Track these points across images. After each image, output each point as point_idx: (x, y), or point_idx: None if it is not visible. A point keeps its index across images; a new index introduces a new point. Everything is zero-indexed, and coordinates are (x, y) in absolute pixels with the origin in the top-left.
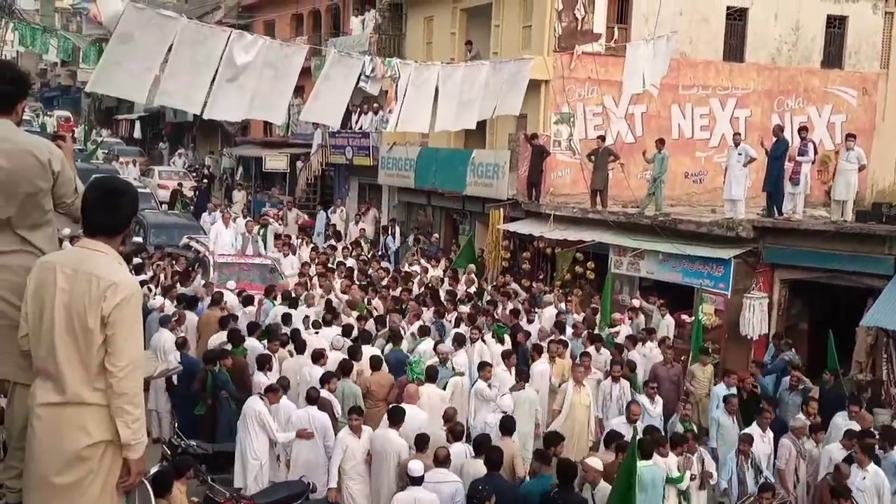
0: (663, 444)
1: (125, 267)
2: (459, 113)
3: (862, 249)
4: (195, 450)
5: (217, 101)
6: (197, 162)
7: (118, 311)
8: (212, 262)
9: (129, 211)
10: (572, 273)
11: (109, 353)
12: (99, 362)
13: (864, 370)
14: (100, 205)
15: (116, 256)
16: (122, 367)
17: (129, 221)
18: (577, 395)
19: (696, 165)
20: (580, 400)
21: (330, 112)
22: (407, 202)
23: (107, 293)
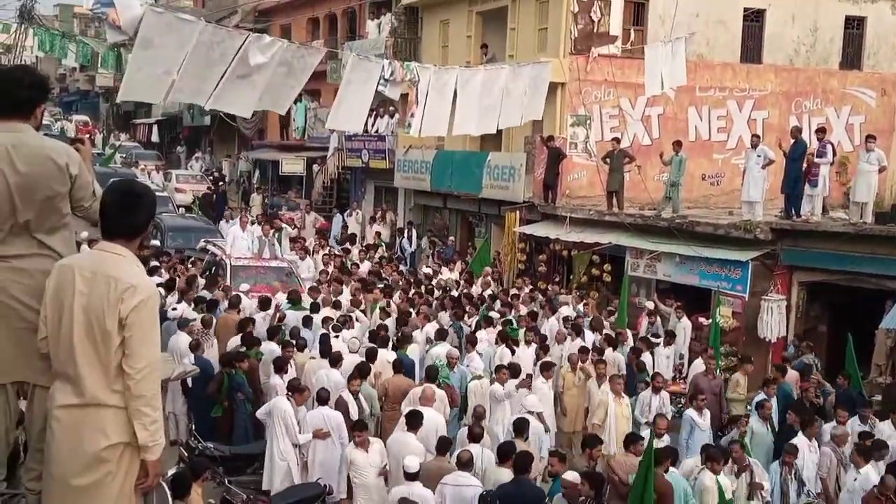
0: (718, 460)
1: (143, 270)
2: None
3: (881, 251)
4: (212, 452)
5: (224, 93)
6: (214, 165)
7: (136, 314)
8: (228, 266)
9: (147, 214)
10: (589, 276)
11: (127, 356)
12: (117, 364)
13: (883, 373)
14: (118, 207)
15: (134, 259)
16: (140, 370)
17: (147, 224)
18: (619, 406)
19: (713, 167)
20: (622, 412)
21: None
22: (423, 205)
23: (124, 296)
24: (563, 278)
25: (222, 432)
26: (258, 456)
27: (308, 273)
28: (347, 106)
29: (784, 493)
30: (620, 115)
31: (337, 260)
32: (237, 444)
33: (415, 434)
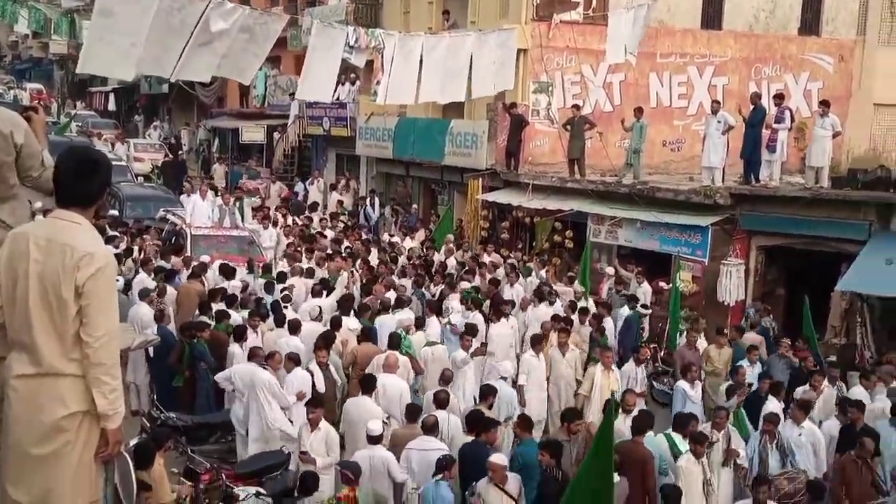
0: (702, 443)
1: (100, 237)
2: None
3: (837, 215)
4: (174, 422)
5: (188, 63)
6: (172, 134)
7: (93, 282)
8: (189, 236)
9: (102, 181)
10: (551, 242)
11: (84, 324)
12: (74, 333)
13: (838, 335)
14: (72, 175)
15: (91, 227)
16: (98, 338)
17: (102, 192)
18: (606, 379)
19: (674, 134)
20: (608, 384)
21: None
22: (385, 173)
23: (81, 263)
24: (526, 245)
25: (184, 402)
26: (221, 425)
27: (270, 242)
28: (315, 75)
29: (762, 461)
30: (582, 82)
31: (297, 229)
32: (200, 414)
33: (370, 397)
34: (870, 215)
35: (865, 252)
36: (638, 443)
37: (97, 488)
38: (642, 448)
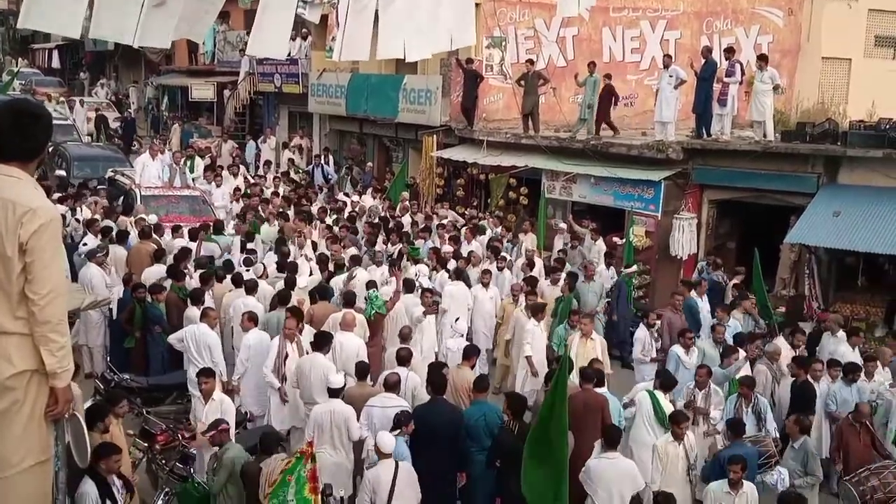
0: (681, 423)
1: (42, 192)
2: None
3: (787, 168)
4: (128, 383)
5: (146, 28)
6: (120, 92)
7: (36, 238)
8: (139, 196)
9: (43, 135)
10: (506, 199)
11: (29, 281)
12: (19, 290)
13: (787, 286)
14: (12, 129)
15: (33, 182)
16: (44, 295)
17: (44, 146)
18: (583, 347)
19: (627, 88)
20: (585, 353)
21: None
22: (339, 130)
23: (24, 220)
24: (481, 202)
25: (138, 364)
26: (176, 386)
27: (221, 201)
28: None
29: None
30: (535, 37)
31: (255, 188)
32: (154, 376)
33: (323, 354)
34: (818, 168)
35: (814, 204)
36: (590, 391)
37: (47, 447)
38: (594, 395)
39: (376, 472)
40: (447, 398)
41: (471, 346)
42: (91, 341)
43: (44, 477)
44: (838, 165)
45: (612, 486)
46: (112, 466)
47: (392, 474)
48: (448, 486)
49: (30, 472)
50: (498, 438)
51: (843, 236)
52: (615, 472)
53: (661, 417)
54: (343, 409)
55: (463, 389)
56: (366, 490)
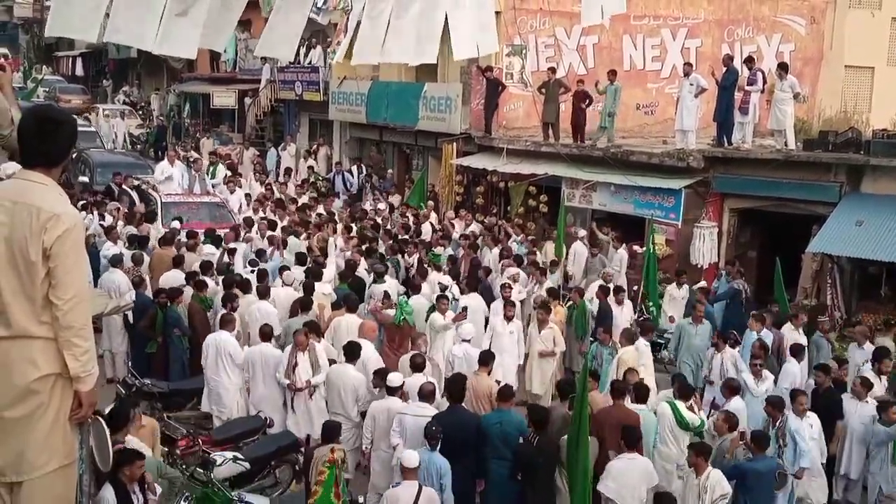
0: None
1: (66, 198)
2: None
3: (809, 177)
4: (149, 388)
5: (168, 36)
6: (142, 99)
7: (60, 243)
8: (159, 202)
9: (67, 141)
10: (525, 207)
11: (53, 286)
12: (44, 295)
13: (809, 296)
14: (36, 134)
15: (57, 187)
16: (68, 300)
17: (68, 152)
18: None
19: (647, 97)
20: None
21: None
22: (359, 138)
23: (48, 225)
24: (501, 210)
25: (159, 369)
26: (197, 391)
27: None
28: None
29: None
30: (556, 45)
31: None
32: (174, 381)
33: (353, 365)
34: (840, 177)
35: (836, 214)
36: (620, 405)
37: (72, 450)
38: (625, 409)
39: (396, 494)
40: (466, 406)
41: (486, 352)
42: (115, 347)
43: (68, 480)
44: (861, 174)
45: (633, 485)
46: (135, 473)
47: (414, 496)
48: (468, 493)
49: (54, 475)
50: (518, 451)
51: (865, 246)
52: (634, 471)
53: (684, 424)
54: (397, 406)
55: (483, 396)
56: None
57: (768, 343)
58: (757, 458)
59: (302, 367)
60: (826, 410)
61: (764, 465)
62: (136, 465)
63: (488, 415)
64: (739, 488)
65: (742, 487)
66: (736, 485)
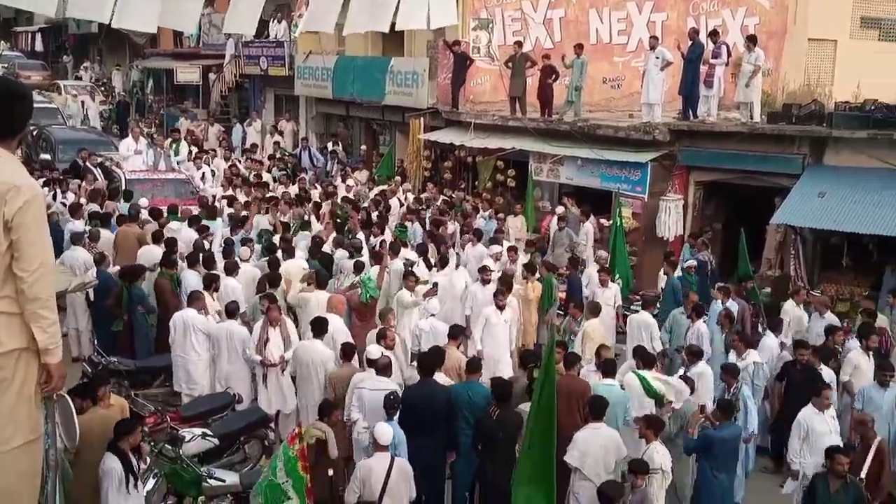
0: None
1: (24, 169)
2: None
3: (773, 150)
4: (116, 366)
5: (127, 10)
6: (104, 76)
7: (21, 215)
8: (124, 180)
9: (23, 112)
10: (493, 181)
11: (17, 258)
12: (6, 268)
13: (773, 267)
14: None
15: (14, 158)
16: (32, 272)
17: (24, 124)
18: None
19: (613, 71)
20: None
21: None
22: (325, 113)
23: (8, 197)
24: (469, 185)
25: (125, 346)
26: (164, 369)
27: (201, 184)
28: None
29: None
30: (522, 19)
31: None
32: (140, 358)
33: (321, 340)
34: (803, 149)
35: (799, 186)
36: (571, 376)
37: (37, 426)
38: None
39: (369, 465)
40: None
41: (456, 326)
42: (80, 325)
43: (34, 455)
44: (824, 147)
45: (598, 455)
46: (136, 439)
47: (387, 468)
48: (439, 464)
49: (20, 451)
50: (478, 423)
51: (827, 217)
52: (601, 440)
53: (653, 393)
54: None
55: (453, 369)
56: (356, 482)
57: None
58: (722, 426)
59: (273, 342)
60: (805, 385)
61: (729, 433)
62: (137, 433)
63: (456, 386)
64: (705, 457)
65: (708, 456)
66: (702, 453)
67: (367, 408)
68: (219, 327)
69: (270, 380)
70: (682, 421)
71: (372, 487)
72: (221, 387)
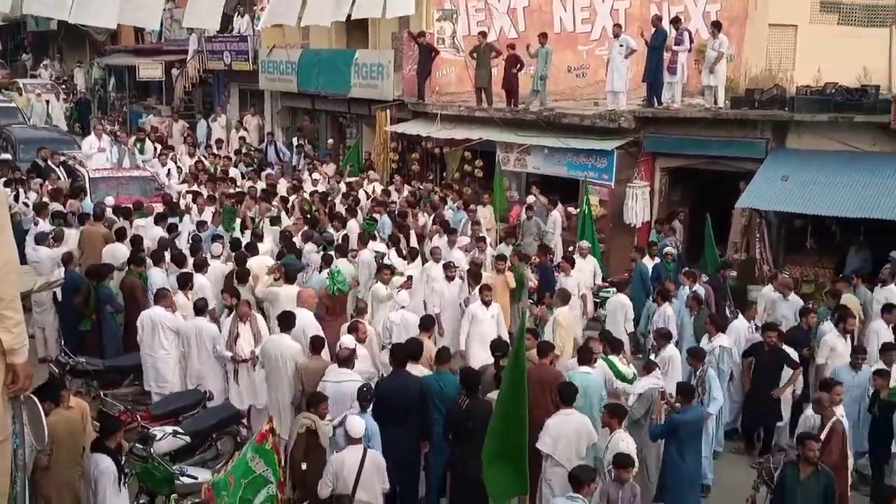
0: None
1: None
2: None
3: (736, 135)
4: (84, 366)
5: (86, 4)
6: (65, 73)
7: None
8: (87, 178)
9: None
10: (461, 172)
11: None
12: None
13: (739, 250)
14: None
15: None
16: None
17: None
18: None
19: (578, 59)
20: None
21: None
22: (290, 107)
23: None
24: (437, 176)
25: (93, 346)
26: (133, 368)
27: (169, 180)
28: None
29: None
30: (486, 9)
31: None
32: (109, 358)
33: (288, 334)
34: (766, 134)
35: (762, 170)
36: (544, 366)
37: (4, 426)
38: (550, 369)
39: (341, 458)
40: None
41: (427, 316)
42: (46, 325)
43: (2, 455)
44: (786, 130)
45: (570, 441)
46: (119, 437)
47: (359, 461)
48: (413, 455)
49: None
50: (448, 412)
51: (791, 200)
52: (572, 426)
53: (621, 377)
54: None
55: (424, 360)
56: (328, 475)
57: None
58: (686, 409)
59: (244, 338)
60: (771, 366)
61: (692, 415)
62: (121, 432)
63: (427, 376)
64: (672, 441)
65: (674, 439)
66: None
67: (330, 400)
68: (188, 324)
69: (242, 375)
70: (649, 403)
71: (345, 480)
72: (192, 384)
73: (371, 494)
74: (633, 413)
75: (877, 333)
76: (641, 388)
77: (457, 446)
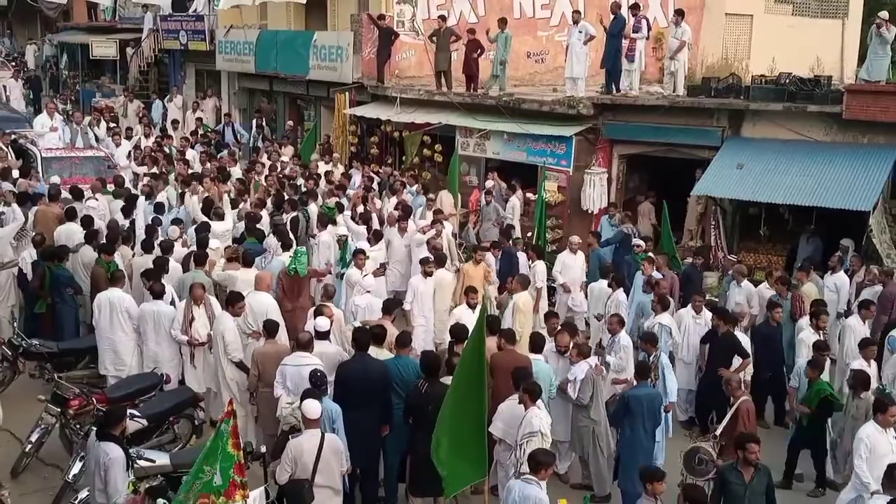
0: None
1: None
2: None
3: (693, 123)
4: (38, 349)
5: None
6: (15, 51)
7: None
8: (39, 158)
9: None
10: (420, 156)
11: None
12: None
13: (694, 237)
14: None
15: None
16: None
17: None
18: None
19: (537, 45)
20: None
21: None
22: (248, 88)
23: None
24: (396, 160)
25: (48, 328)
26: (88, 350)
27: (124, 161)
28: None
29: None
30: None
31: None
32: (65, 340)
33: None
34: (722, 122)
35: (718, 157)
36: (510, 350)
37: None
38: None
39: (299, 442)
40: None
41: (390, 300)
42: None
43: None
44: (741, 119)
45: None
46: (125, 424)
47: (318, 445)
48: (374, 439)
49: None
50: (407, 396)
51: (746, 188)
52: (520, 411)
53: None
54: (332, 350)
55: (386, 344)
56: (287, 460)
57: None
58: (638, 386)
59: (199, 321)
60: (722, 352)
61: (643, 392)
62: (126, 419)
63: (388, 360)
64: (626, 416)
65: (627, 415)
66: (622, 413)
67: (289, 383)
68: (144, 307)
69: (198, 358)
70: (591, 385)
71: (304, 465)
72: (149, 368)
73: (330, 479)
74: (581, 399)
75: (851, 329)
76: (581, 372)
77: (417, 430)
